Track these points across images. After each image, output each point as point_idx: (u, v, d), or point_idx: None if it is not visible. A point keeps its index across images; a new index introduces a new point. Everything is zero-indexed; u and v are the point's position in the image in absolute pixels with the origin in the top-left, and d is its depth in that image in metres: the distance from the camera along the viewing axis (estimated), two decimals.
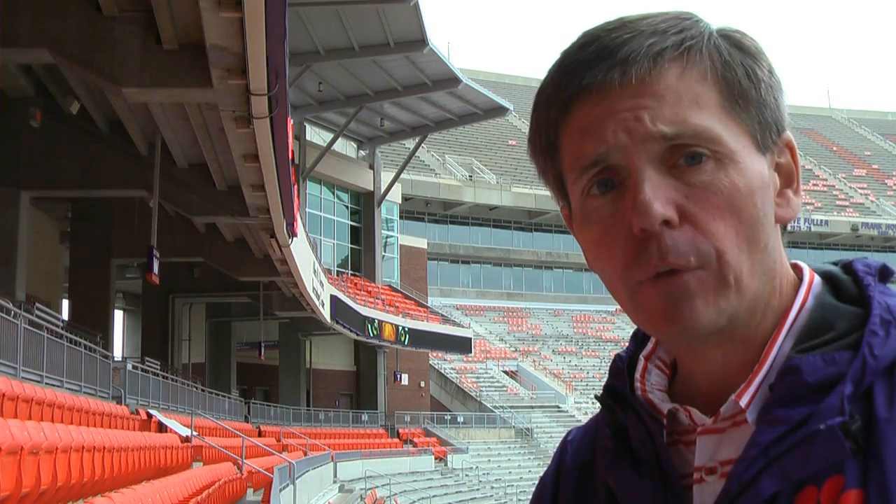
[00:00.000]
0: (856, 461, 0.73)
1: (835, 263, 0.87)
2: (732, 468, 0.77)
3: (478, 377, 52.77)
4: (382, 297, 40.97)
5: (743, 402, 0.78)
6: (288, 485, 16.72)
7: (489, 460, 41.69)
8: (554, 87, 0.81)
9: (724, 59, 0.78)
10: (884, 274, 0.83)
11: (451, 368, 52.09)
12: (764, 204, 0.78)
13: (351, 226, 43.37)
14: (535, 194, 64.15)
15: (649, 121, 0.76)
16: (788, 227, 0.85)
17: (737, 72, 0.78)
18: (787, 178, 0.83)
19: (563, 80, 0.80)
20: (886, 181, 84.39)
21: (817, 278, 0.85)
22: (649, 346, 0.90)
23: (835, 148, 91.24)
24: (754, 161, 0.78)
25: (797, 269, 0.85)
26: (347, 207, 43.39)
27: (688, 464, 0.83)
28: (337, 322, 32.97)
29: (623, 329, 63.11)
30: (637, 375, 0.88)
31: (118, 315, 38.18)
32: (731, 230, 0.76)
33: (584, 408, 50.61)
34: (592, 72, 0.78)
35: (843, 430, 0.72)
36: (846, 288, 0.82)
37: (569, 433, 0.99)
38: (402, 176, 45.51)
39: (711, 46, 0.79)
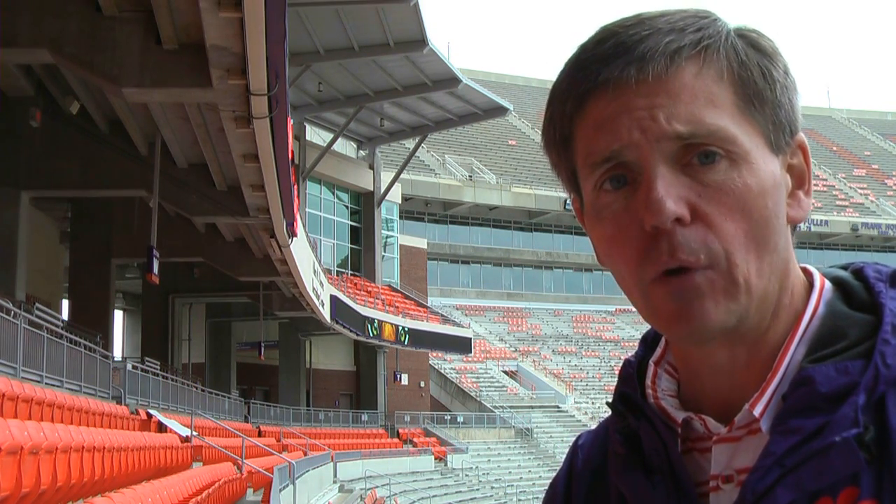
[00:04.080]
0: (869, 471, 0.72)
1: (844, 268, 0.87)
2: (747, 478, 0.76)
3: (478, 377, 52.77)
4: (382, 297, 40.97)
5: (756, 412, 0.78)
6: (288, 485, 16.72)
7: (489, 460, 41.68)
8: (570, 81, 0.80)
9: (740, 59, 0.78)
10: (895, 280, 0.83)
11: (451, 368, 52.08)
12: (776, 205, 0.78)
13: (351, 226, 43.37)
14: (535, 194, 64.18)
15: (664, 120, 0.76)
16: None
17: (753, 72, 0.78)
18: (799, 179, 0.83)
19: (578, 75, 0.79)
20: (886, 181, 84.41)
21: (828, 284, 0.84)
22: (658, 350, 0.90)
23: (835, 148, 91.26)
24: (767, 162, 0.78)
25: (807, 274, 0.85)
26: (347, 207, 43.38)
27: (702, 471, 0.82)
28: (337, 322, 32.97)
29: (623, 329, 63.12)
30: (648, 381, 0.88)
31: (118, 315, 38.19)
32: (741, 231, 0.76)
33: (584, 408, 50.63)
34: (609, 68, 0.77)
35: (858, 441, 0.72)
36: (857, 294, 0.82)
37: (579, 437, 0.99)
38: (402, 176, 45.50)
39: (728, 46, 0.78)
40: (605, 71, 0.77)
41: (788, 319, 0.81)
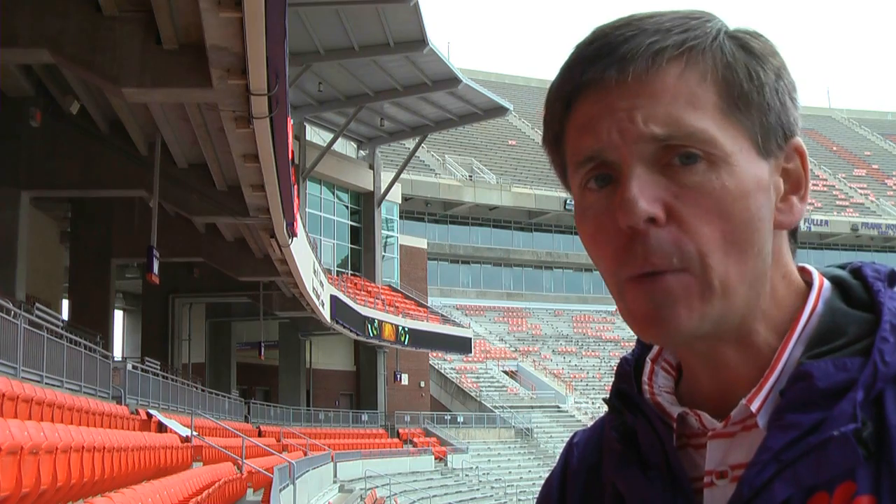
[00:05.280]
0: (867, 467, 0.73)
1: (842, 267, 0.87)
2: (744, 472, 0.76)
3: (478, 377, 52.77)
4: (382, 297, 40.96)
5: (754, 407, 0.78)
6: (288, 485, 16.72)
7: (489, 460, 41.69)
8: (560, 82, 0.81)
9: (726, 61, 0.78)
10: (893, 279, 0.83)
11: (451, 368, 52.09)
12: (759, 208, 0.77)
13: (351, 226, 43.37)
14: (535, 194, 64.17)
15: (641, 121, 0.75)
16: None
17: (739, 74, 0.77)
18: (795, 184, 0.82)
19: (567, 75, 0.80)
20: (886, 181, 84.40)
21: (826, 283, 0.84)
22: (655, 348, 0.90)
23: (835, 148, 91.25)
24: (752, 165, 0.77)
25: (805, 273, 0.85)
26: (347, 207, 43.39)
27: (697, 467, 0.82)
28: (337, 322, 32.98)
29: (623, 329, 63.07)
30: (644, 378, 0.88)
31: (118, 315, 38.19)
32: (718, 233, 0.75)
33: (584, 408, 50.62)
34: (593, 68, 0.78)
35: (856, 437, 0.73)
36: (856, 293, 0.82)
37: (574, 435, 0.99)
38: (402, 176, 45.50)
39: (715, 47, 0.78)
40: (590, 71, 0.78)
41: (777, 320, 0.81)
